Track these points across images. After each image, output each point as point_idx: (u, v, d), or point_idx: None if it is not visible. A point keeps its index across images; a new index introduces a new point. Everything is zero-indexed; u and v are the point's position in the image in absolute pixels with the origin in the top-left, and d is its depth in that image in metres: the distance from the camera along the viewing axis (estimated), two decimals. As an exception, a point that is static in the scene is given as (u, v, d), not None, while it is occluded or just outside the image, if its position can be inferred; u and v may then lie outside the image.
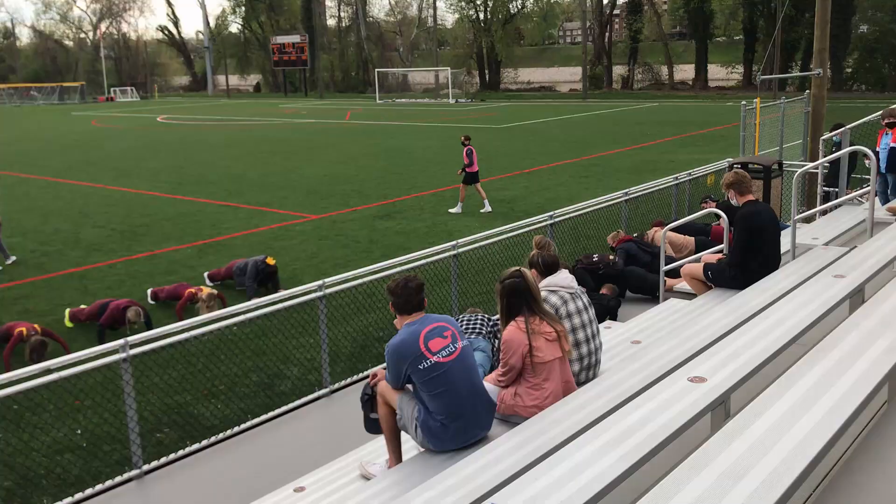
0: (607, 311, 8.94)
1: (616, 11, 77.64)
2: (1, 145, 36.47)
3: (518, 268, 5.03)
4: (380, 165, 24.97)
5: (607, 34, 73.32)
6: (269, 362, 8.62)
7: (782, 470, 3.13)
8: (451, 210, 17.09)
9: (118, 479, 6.35)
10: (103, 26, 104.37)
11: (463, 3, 77.26)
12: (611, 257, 10.17)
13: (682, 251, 10.58)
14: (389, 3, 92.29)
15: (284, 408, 7.47)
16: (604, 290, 9.59)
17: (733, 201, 7.19)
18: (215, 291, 10.63)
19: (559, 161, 24.55)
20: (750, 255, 6.99)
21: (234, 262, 11.94)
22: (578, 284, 5.59)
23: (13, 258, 13.78)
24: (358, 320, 9.46)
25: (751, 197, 7.13)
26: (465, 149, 17.04)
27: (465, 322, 7.58)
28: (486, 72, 77.69)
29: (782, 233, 9.29)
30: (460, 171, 17.29)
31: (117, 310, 9.75)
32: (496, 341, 7.18)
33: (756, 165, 12.10)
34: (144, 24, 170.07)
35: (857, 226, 9.04)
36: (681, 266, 9.10)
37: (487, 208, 16.97)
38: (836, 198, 11.41)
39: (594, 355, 5.40)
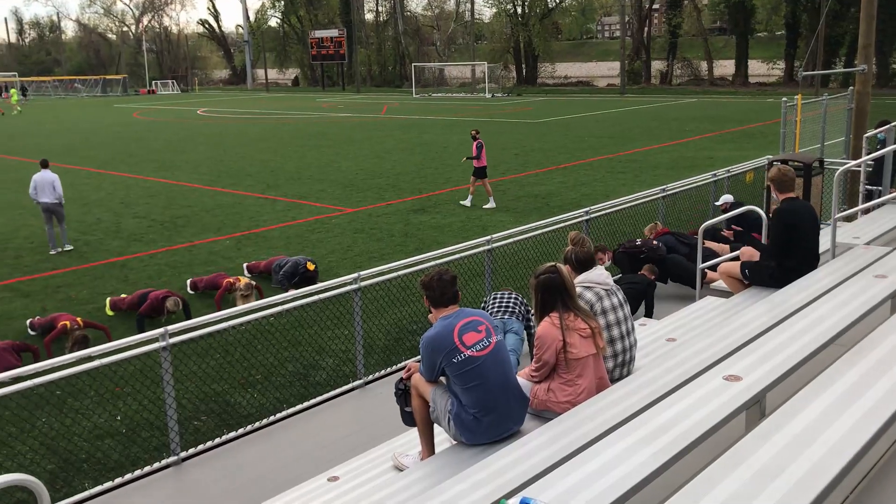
0: (642, 295, 8.84)
1: (655, 6, 76.69)
2: (45, 136, 37.24)
3: (554, 263, 5.03)
4: (415, 160, 25.04)
5: (646, 29, 72.51)
6: (305, 353, 8.72)
7: (818, 471, 3.10)
8: (461, 202, 17.25)
9: (156, 465, 6.49)
10: (145, 20, 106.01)
11: (501, -3, 77.00)
12: (654, 242, 10.09)
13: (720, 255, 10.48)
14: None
15: (319, 398, 7.55)
16: (644, 271, 9.48)
17: (773, 196, 7.15)
18: (253, 282, 10.76)
19: (595, 156, 24.40)
20: (787, 253, 6.92)
21: (275, 258, 12.04)
22: (619, 267, 5.56)
23: (70, 247, 14.17)
24: (392, 313, 9.52)
25: (791, 194, 7.05)
26: (476, 143, 17.11)
27: (498, 299, 7.57)
28: (523, 66, 77.33)
29: (822, 231, 9.18)
30: (466, 158, 17.67)
31: (157, 300, 9.93)
32: (532, 327, 7.19)
33: (796, 163, 11.90)
34: (185, 17, 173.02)
35: (901, 225, 8.86)
36: (719, 264, 9.04)
37: (491, 204, 16.95)
38: (879, 196, 11.19)
39: (629, 352, 5.38)
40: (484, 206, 16.95)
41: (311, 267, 11.37)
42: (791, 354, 4.55)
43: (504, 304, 7.54)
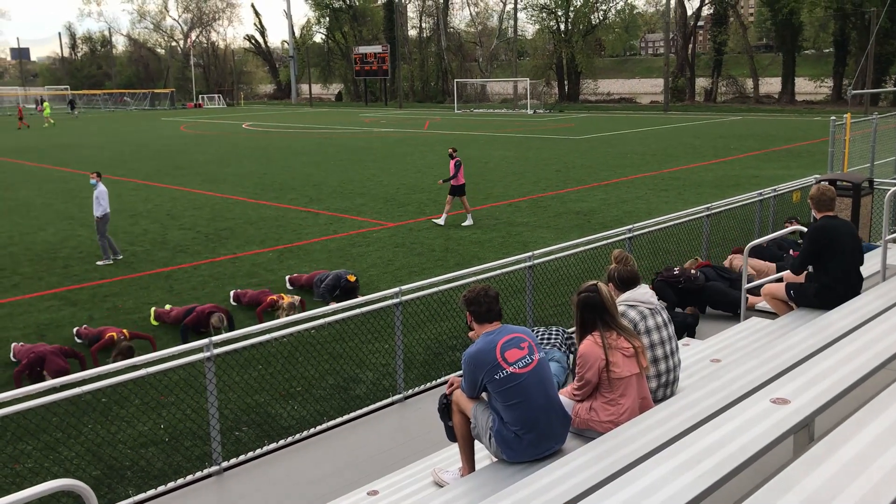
0: (685, 328, 8.78)
1: (700, 23, 76.20)
2: (95, 148, 38.15)
3: (595, 282, 5.00)
4: (457, 175, 25.08)
5: (691, 46, 72.01)
6: (345, 366, 8.76)
7: (870, 499, 3.02)
8: (435, 221, 17.00)
9: (198, 474, 6.55)
10: (193, 35, 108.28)
11: (543, 15, 77.16)
12: (692, 271, 9.97)
13: (762, 276, 10.32)
14: (470, 14, 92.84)
15: (359, 412, 7.57)
16: (687, 311, 9.43)
17: (814, 214, 7.15)
18: (296, 300, 10.81)
19: (638, 174, 24.22)
20: (824, 271, 6.87)
21: (317, 272, 12.15)
22: (659, 296, 5.53)
23: (120, 256, 14.48)
24: (432, 328, 9.53)
25: (830, 213, 7.02)
26: (453, 161, 16.91)
27: (541, 333, 7.57)
28: (566, 83, 77.27)
29: (872, 252, 8.99)
30: (443, 181, 17.28)
31: (202, 314, 10.08)
32: (571, 354, 7.14)
33: (845, 182, 11.71)
34: (232, 33, 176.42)
35: (954, 248, 8.65)
36: (762, 285, 8.90)
37: (469, 222, 16.74)
38: (932, 218, 10.92)
39: (672, 373, 5.31)
40: (463, 224, 16.73)
41: (351, 278, 11.47)
42: (841, 378, 4.45)
43: (546, 338, 7.53)
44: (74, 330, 10.31)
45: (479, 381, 4.59)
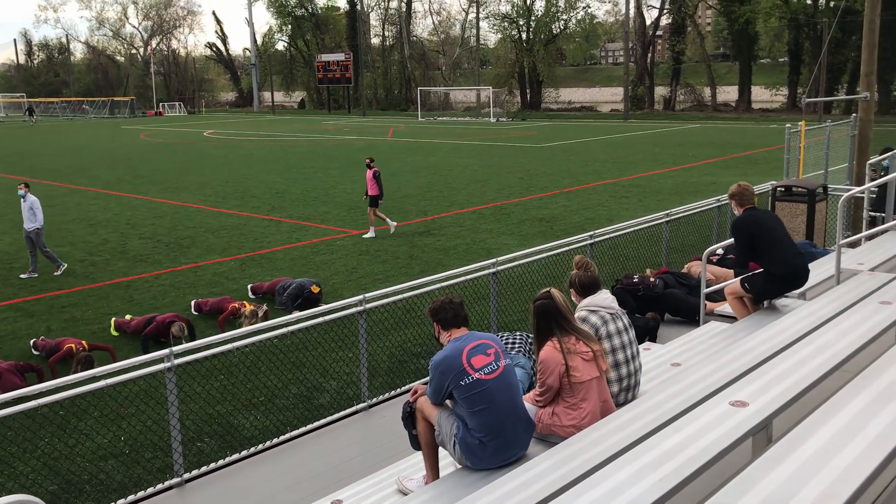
0: (647, 332, 8.88)
1: (659, 32, 77.24)
2: (53, 157, 37.46)
3: (548, 289, 5.05)
4: (420, 182, 25.13)
5: (650, 55, 72.93)
6: (309, 375, 8.71)
7: (827, 498, 3.09)
8: (364, 236, 16.70)
9: (159, 486, 6.46)
10: (154, 43, 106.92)
11: (506, 24, 77.58)
12: (651, 279, 10.10)
13: (720, 283, 10.49)
14: (433, 22, 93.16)
15: (323, 421, 7.53)
16: (648, 316, 9.54)
17: (735, 211, 7.52)
18: (259, 310, 10.72)
19: (599, 181, 24.47)
20: (764, 259, 7.19)
21: (280, 279, 12.06)
22: (619, 305, 5.59)
23: (65, 265, 14.14)
24: (396, 335, 9.52)
25: (750, 206, 7.44)
26: (371, 171, 16.67)
27: (505, 338, 7.59)
28: (528, 91, 77.76)
29: (826, 257, 9.19)
30: (365, 196, 16.90)
31: (162, 324, 9.95)
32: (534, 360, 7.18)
33: (800, 189, 11.95)
34: (194, 41, 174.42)
35: (905, 252, 8.86)
36: (722, 288, 9.04)
37: (371, 234, 16.56)
38: (883, 223, 11.20)
39: (634, 377, 5.37)
40: (364, 236, 16.59)
41: (315, 289, 11.38)
42: (798, 380, 4.54)
43: (510, 344, 7.56)
44: (32, 342, 10.11)
45: (444, 387, 4.59)
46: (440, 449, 4.91)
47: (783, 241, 7.23)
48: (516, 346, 7.39)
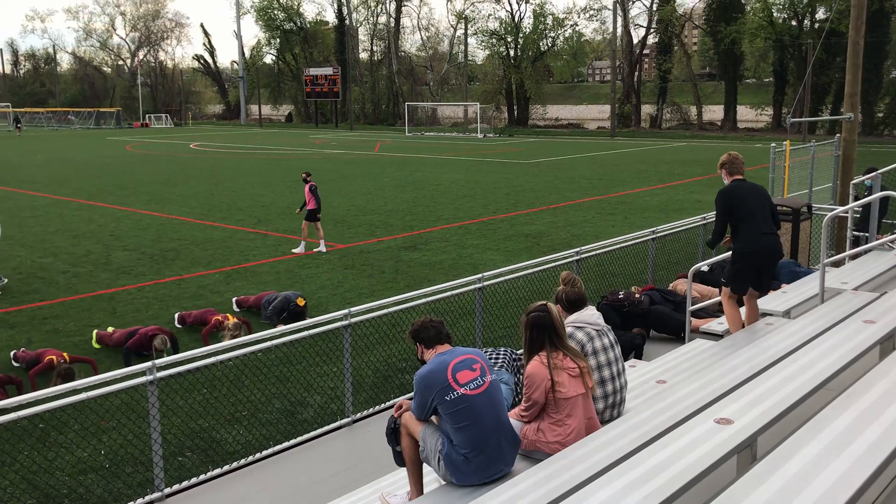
0: (633, 349, 8.90)
1: (646, 51, 77.92)
2: (37, 167, 37.22)
3: (545, 302, 5.05)
4: (407, 197, 25.14)
5: (636, 73, 73.53)
6: (293, 389, 8.65)
7: (810, 516, 3.09)
8: (315, 250, 16.51)
9: (140, 501, 6.38)
10: (141, 54, 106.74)
11: (494, 41, 78.06)
12: (637, 296, 10.13)
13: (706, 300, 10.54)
14: (421, 38, 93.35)
15: (307, 435, 7.48)
16: (634, 331, 9.56)
17: (725, 181, 7.53)
18: (242, 322, 10.67)
19: (585, 197, 24.56)
20: (737, 236, 7.25)
21: (265, 293, 12.00)
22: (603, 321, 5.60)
23: (6, 280, 13.71)
24: (381, 350, 9.48)
25: (739, 177, 7.46)
26: (308, 185, 16.55)
27: (488, 353, 7.57)
28: (515, 107, 78.16)
29: (811, 276, 9.25)
30: (300, 209, 16.71)
31: (145, 336, 9.86)
32: (519, 376, 7.16)
33: (785, 208, 12.04)
34: (181, 52, 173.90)
35: (888, 271, 8.95)
36: (708, 306, 9.09)
37: (300, 249, 16.37)
38: (867, 242, 11.29)
39: (619, 393, 5.37)
40: (293, 250, 16.42)
41: (300, 302, 11.33)
42: (782, 398, 4.55)
43: (493, 360, 7.54)
44: (12, 353, 9.99)
45: (429, 403, 4.57)
46: (424, 465, 4.88)
47: (752, 217, 7.21)
48: (499, 361, 7.38)
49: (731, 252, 7.66)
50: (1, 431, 6.85)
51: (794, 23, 60.52)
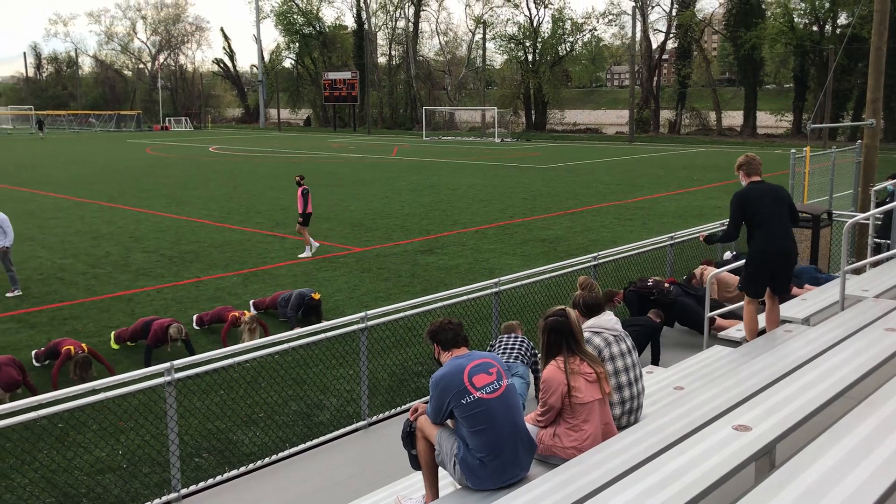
0: (650, 335, 8.81)
1: (665, 56, 77.65)
2: (58, 169, 37.61)
3: (563, 307, 5.04)
4: (424, 201, 25.16)
5: (655, 78, 73.29)
6: (309, 392, 8.67)
7: (829, 525, 3.06)
8: (300, 255, 16.45)
9: (156, 501, 6.42)
10: (161, 58, 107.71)
11: (512, 45, 78.09)
12: (666, 284, 10.06)
13: (731, 289, 10.43)
14: (440, 43, 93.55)
15: (322, 438, 7.49)
16: (650, 314, 9.46)
17: (742, 182, 7.45)
18: (256, 315, 10.79)
19: (603, 203, 24.48)
20: (752, 238, 7.20)
21: (279, 293, 12.08)
22: (628, 306, 5.57)
23: (20, 292, 13.45)
24: (398, 354, 9.49)
25: (756, 178, 7.37)
26: (301, 189, 16.54)
27: (504, 341, 7.52)
28: (533, 112, 78.10)
29: (831, 283, 9.17)
30: (301, 215, 16.59)
31: (161, 329, 9.93)
32: (537, 373, 7.14)
33: (805, 214, 11.94)
34: (201, 56, 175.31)
35: (910, 279, 8.84)
36: (727, 312, 9.03)
37: (308, 253, 16.34)
38: (888, 250, 11.18)
39: (636, 399, 5.34)
40: (300, 255, 16.33)
41: (315, 296, 11.46)
42: (801, 406, 4.51)
43: (509, 347, 7.49)
44: (33, 353, 10.09)
45: (445, 406, 4.56)
46: (440, 469, 4.88)
47: (767, 220, 7.13)
48: (516, 350, 7.34)
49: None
50: (21, 431, 6.92)
51: (815, 28, 60.08)
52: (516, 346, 7.49)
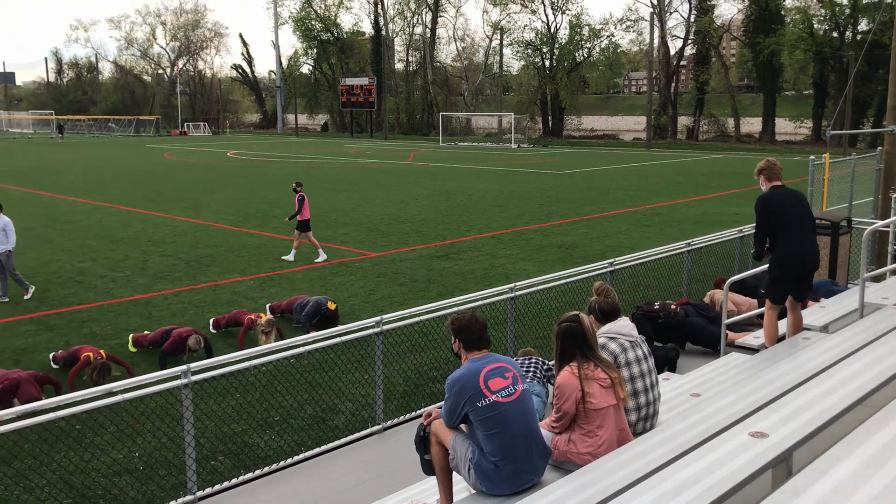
0: (666, 362, 8.80)
1: (683, 62, 77.40)
2: (78, 174, 37.97)
3: (577, 312, 5.03)
4: (440, 206, 25.19)
5: (673, 84, 73.05)
6: (324, 396, 8.69)
7: (847, 533, 3.02)
8: (284, 257, 16.60)
9: (172, 503, 6.45)
10: (180, 63, 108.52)
11: (529, 51, 78.12)
12: (673, 306, 10.02)
13: (743, 311, 10.38)
14: (457, 48, 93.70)
15: (337, 442, 7.50)
16: (669, 346, 9.46)
17: (763, 187, 7.45)
18: (273, 318, 10.83)
19: (620, 209, 24.41)
20: (776, 243, 7.20)
21: (297, 297, 12.12)
22: (639, 331, 5.56)
23: (33, 288, 13.60)
24: (413, 358, 9.49)
25: (777, 183, 7.37)
26: (297, 195, 16.61)
27: (520, 362, 7.53)
28: (550, 118, 78.04)
29: (851, 290, 9.09)
30: (288, 219, 16.71)
31: (179, 337, 9.99)
32: (549, 387, 7.13)
33: (824, 221, 11.84)
34: (220, 62, 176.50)
35: (931, 287, 8.74)
36: (743, 319, 8.96)
37: (323, 256, 16.42)
38: (908, 257, 11.06)
39: (652, 406, 5.31)
40: (315, 260, 16.37)
41: (331, 306, 11.46)
42: (819, 413, 4.47)
43: (524, 368, 7.51)
44: (51, 355, 10.18)
45: (460, 408, 4.56)
46: (454, 473, 4.87)
47: (791, 224, 7.18)
48: (531, 371, 7.34)
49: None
50: (39, 431, 6.97)
51: (835, 34, 59.72)
52: (532, 367, 7.50)
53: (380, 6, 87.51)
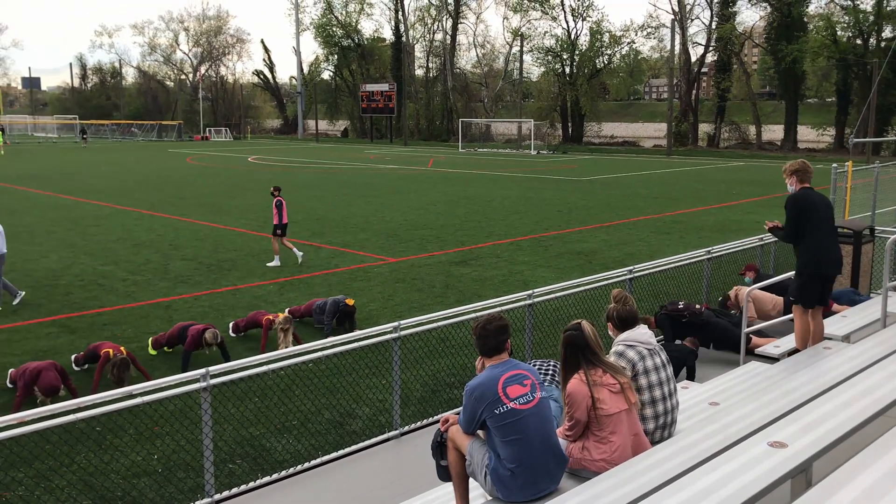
0: (684, 363, 8.72)
1: (704, 69, 77.04)
2: (101, 178, 38.37)
3: (578, 321, 5.03)
4: (459, 212, 25.20)
5: (694, 91, 72.70)
6: (342, 400, 8.72)
7: (867, 545, 2.99)
8: (268, 264, 16.53)
9: (190, 506, 6.49)
10: (203, 69, 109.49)
11: (549, 58, 78.10)
12: (697, 307, 9.95)
13: (768, 309, 10.29)
14: (477, 55, 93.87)
15: (354, 447, 7.52)
16: (686, 342, 9.37)
17: (791, 188, 7.64)
18: (290, 315, 10.93)
19: (640, 216, 24.30)
20: (804, 245, 7.37)
21: (314, 300, 12.20)
22: (661, 330, 5.53)
23: (23, 293, 13.43)
24: (430, 364, 9.49)
25: (807, 185, 7.56)
26: (275, 200, 16.58)
27: (538, 365, 7.52)
28: (570, 125, 77.92)
29: (873, 300, 9.00)
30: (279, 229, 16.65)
31: (197, 333, 10.07)
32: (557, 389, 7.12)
33: (846, 230, 11.73)
34: (241, 68, 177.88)
35: (955, 297, 8.64)
36: (765, 327, 8.90)
37: (277, 263, 16.37)
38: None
39: (670, 414, 5.28)
40: (268, 264, 16.38)
41: (350, 302, 11.59)
42: (840, 423, 4.43)
43: (542, 371, 7.49)
44: (73, 357, 10.28)
45: (478, 415, 4.56)
46: (470, 480, 4.87)
47: (819, 226, 7.32)
48: (549, 375, 7.33)
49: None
50: (60, 433, 7.04)
51: (858, 41, 59.19)
52: (550, 370, 7.49)
53: (400, 13, 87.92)
